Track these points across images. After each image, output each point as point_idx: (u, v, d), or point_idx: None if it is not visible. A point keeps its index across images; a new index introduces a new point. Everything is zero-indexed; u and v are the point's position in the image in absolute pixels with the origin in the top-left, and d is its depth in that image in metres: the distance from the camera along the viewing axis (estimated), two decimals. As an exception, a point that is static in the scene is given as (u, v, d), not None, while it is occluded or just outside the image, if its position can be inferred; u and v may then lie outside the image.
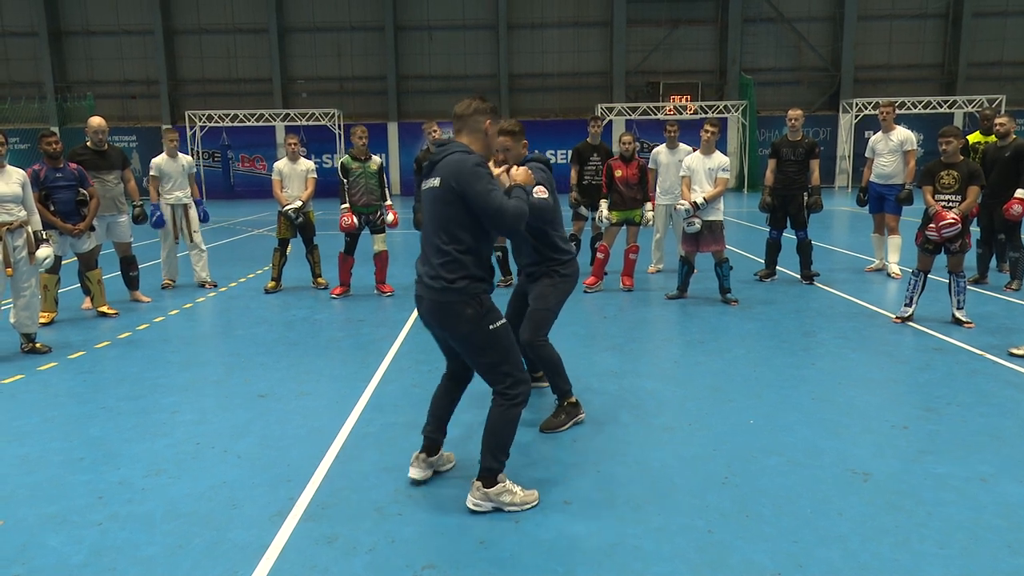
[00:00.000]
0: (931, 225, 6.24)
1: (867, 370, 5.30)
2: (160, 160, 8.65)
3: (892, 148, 8.64)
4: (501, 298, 4.26)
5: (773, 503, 3.30)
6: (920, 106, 25.47)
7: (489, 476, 3.26)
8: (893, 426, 4.20)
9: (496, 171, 3.93)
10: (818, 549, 2.92)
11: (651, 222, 8.43)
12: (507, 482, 3.31)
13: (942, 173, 6.32)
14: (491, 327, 3.21)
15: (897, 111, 9.22)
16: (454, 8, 27.44)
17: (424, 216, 3.29)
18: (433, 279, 3.18)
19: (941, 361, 5.43)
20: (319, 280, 8.76)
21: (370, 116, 27.14)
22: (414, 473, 3.54)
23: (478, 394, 4.76)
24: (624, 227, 8.29)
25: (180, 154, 8.76)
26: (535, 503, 3.31)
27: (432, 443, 3.58)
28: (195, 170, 8.98)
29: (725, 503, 3.32)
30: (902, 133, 8.66)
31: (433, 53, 27.71)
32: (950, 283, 6.43)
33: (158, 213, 8.62)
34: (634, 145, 8.24)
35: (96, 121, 7.69)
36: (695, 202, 7.27)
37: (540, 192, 4.11)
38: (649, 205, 8.31)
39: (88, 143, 7.67)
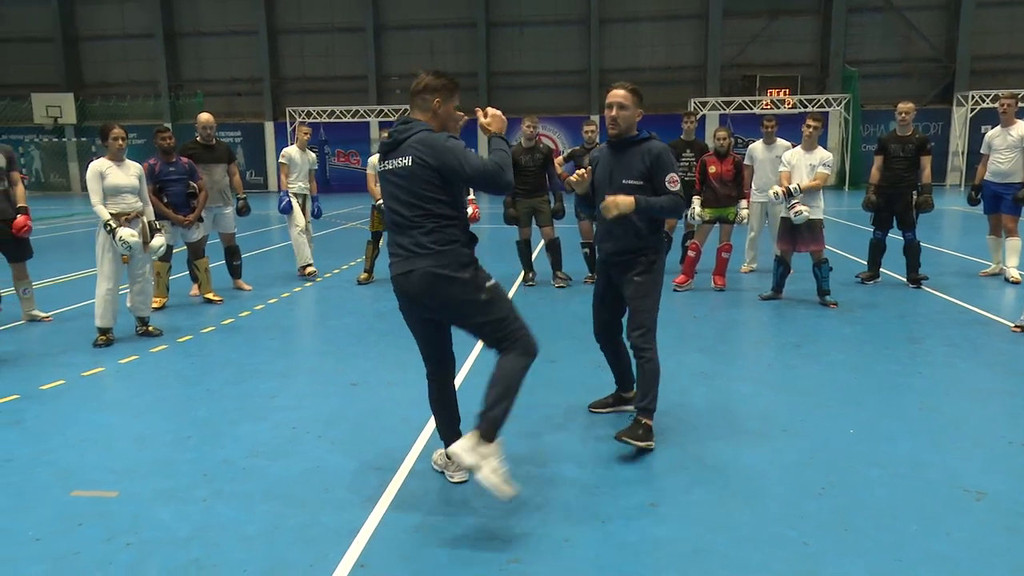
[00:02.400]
0: (1058, 227, 5.77)
1: (980, 381, 4.96)
2: (291, 151, 9.10)
3: (1011, 144, 8.06)
4: (587, 295, 4.20)
5: (874, 517, 3.14)
6: (1045, 98, 23.62)
7: (490, 430, 3.03)
8: (1010, 442, 3.91)
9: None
10: (922, 570, 2.76)
11: (745, 220, 8.18)
12: (500, 455, 3.06)
13: (1072, 171, 5.83)
14: (487, 284, 3.13)
15: (1019, 104, 8.61)
16: (546, 3, 27.39)
17: (388, 197, 3.20)
18: (420, 248, 3.10)
19: (1066, 374, 5.02)
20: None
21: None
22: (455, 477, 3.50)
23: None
24: (717, 225, 8.08)
25: (308, 150, 9.20)
26: (507, 496, 3.04)
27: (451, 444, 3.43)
28: (316, 167, 9.40)
29: (822, 514, 3.18)
30: (1023, 128, 8.06)
31: (524, 49, 27.76)
32: (1078, 290, 5.93)
33: (286, 199, 8.96)
34: (729, 140, 8.00)
35: (204, 117, 8.11)
36: (788, 188, 6.95)
37: (672, 183, 3.84)
38: (744, 203, 8.06)
39: (198, 138, 8.10)
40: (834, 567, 2.79)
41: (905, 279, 8.14)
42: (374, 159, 8.75)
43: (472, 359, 5.56)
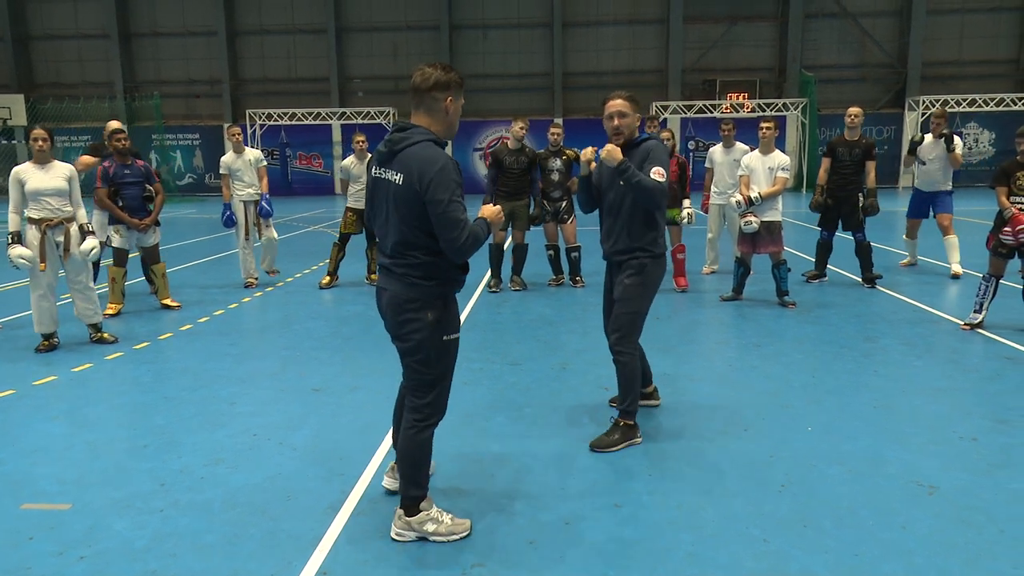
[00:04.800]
0: (1006, 228, 5.96)
1: (933, 378, 5.09)
2: (227, 158, 8.56)
3: (939, 154, 8.72)
4: (551, 297, 4.22)
5: (833, 513, 3.20)
6: (993, 103, 24.41)
7: (411, 504, 3.03)
8: (961, 437, 4.03)
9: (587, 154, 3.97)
10: (881, 563, 2.82)
11: (687, 220, 8.16)
12: (432, 509, 3.06)
13: (1019, 174, 6.03)
14: (444, 338, 2.95)
15: (968, 108, 9.29)
16: (509, 7, 27.46)
17: (378, 209, 2.97)
18: (397, 272, 2.92)
19: (1014, 370, 5.19)
20: (374, 276, 8.86)
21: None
22: (387, 484, 3.45)
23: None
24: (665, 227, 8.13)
25: (247, 148, 8.65)
26: (465, 534, 3.04)
27: None
28: (264, 163, 8.77)
29: (783, 511, 3.23)
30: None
31: (488, 52, 27.78)
32: (1025, 289, 6.13)
33: (228, 212, 8.46)
34: (672, 141, 8.10)
35: (114, 124, 7.75)
36: (749, 197, 7.09)
37: (657, 174, 3.82)
38: (687, 202, 8.11)
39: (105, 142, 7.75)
40: (796, 563, 2.83)
41: (860, 279, 8.33)
42: (347, 162, 8.67)
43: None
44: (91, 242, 6.12)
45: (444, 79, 2.88)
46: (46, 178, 5.85)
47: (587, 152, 4.05)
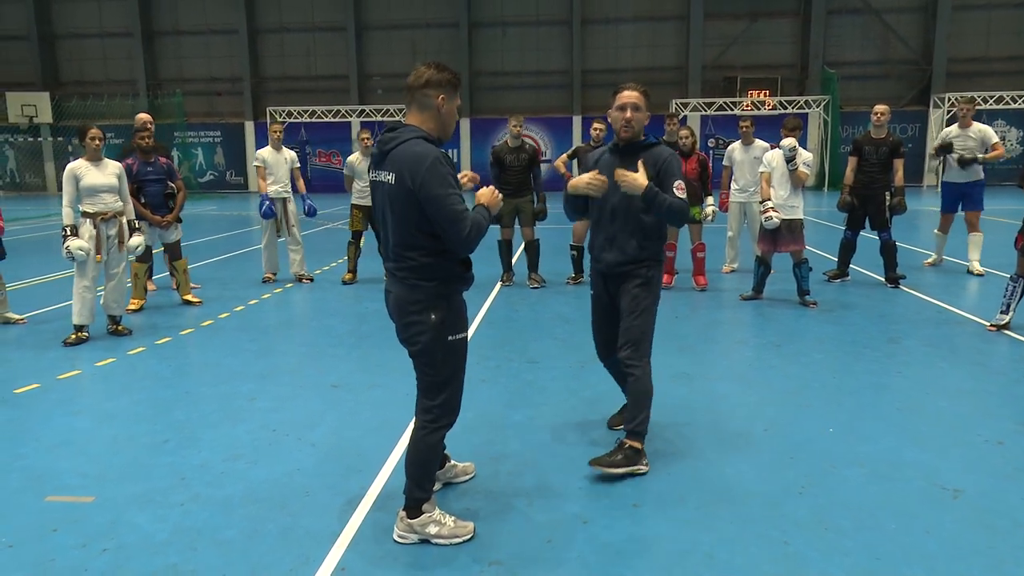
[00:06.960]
0: (1033, 227, 5.85)
1: (958, 380, 5.02)
2: (264, 152, 8.64)
3: (970, 146, 8.59)
4: (569, 295, 4.20)
5: (853, 516, 3.16)
6: (1021, 100, 23.98)
7: (414, 506, 3.00)
8: (986, 440, 3.96)
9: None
10: (902, 568, 2.78)
11: (710, 218, 8.14)
12: (435, 512, 3.03)
13: (1046, 172, 5.92)
14: (450, 338, 2.90)
15: (996, 106, 9.25)
16: (528, 4, 27.41)
17: (376, 210, 2.99)
18: (399, 275, 2.92)
19: (1040, 373, 5.10)
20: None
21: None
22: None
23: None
24: (685, 225, 8.11)
25: (284, 148, 8.74)
26: (468, 537, 3.00)
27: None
28: (298, 165, 8.89)
29: (802, 514, 3.19)
30: (981, 128, 8.64)
31: (507, 49, 27.75)
32: (1052, 290, 6.02)
33: (267, 203, 8.50)
34: (692, 139, 8.06)
35: (144, 116, 8.09)
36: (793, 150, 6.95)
37: (680, 190, 3.55)
38: (709, 199, 8.07)
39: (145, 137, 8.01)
40: (815, 566, 2.80)
41: (883, 279, 8.23)
42: (352, 158, 8.71)
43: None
44: (137, 239, 6.42)
45: (436, 77, 2.87)
46: (100, 175, 6.16)
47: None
